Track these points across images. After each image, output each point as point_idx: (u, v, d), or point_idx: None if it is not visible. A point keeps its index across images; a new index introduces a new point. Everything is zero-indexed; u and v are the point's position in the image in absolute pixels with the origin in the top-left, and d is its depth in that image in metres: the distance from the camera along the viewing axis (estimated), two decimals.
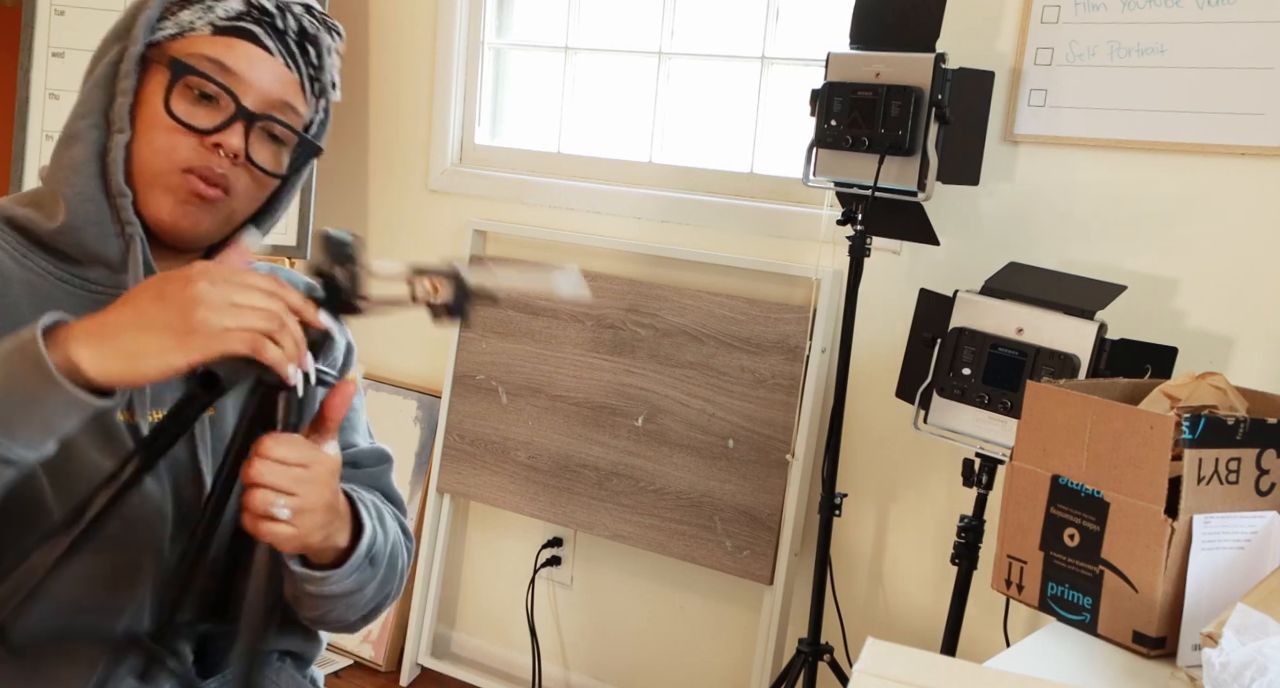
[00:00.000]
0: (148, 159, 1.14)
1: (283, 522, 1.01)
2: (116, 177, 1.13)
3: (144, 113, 1.14)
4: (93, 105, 1.15)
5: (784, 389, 2.47)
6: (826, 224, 2.39)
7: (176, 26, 1.16)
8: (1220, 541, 1.33)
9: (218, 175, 1.14)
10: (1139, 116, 2.12)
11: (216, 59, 1.14)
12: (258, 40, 1.16)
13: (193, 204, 1.15)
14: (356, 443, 1.35)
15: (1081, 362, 1.85)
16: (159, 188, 1.14)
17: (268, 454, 1.01)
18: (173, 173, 1.13)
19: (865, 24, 2.13)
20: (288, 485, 1.01)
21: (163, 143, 1.13)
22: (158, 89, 1.14)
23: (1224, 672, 1.10)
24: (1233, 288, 2.08)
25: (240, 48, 1.15)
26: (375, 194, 3.15)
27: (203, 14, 1.16)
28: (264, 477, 1.01)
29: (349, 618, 1.24)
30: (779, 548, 2.49)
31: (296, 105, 1.20)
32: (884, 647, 1.05)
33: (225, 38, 1.15)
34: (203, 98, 1.14)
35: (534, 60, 3.00)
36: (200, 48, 1.14)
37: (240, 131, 1.15)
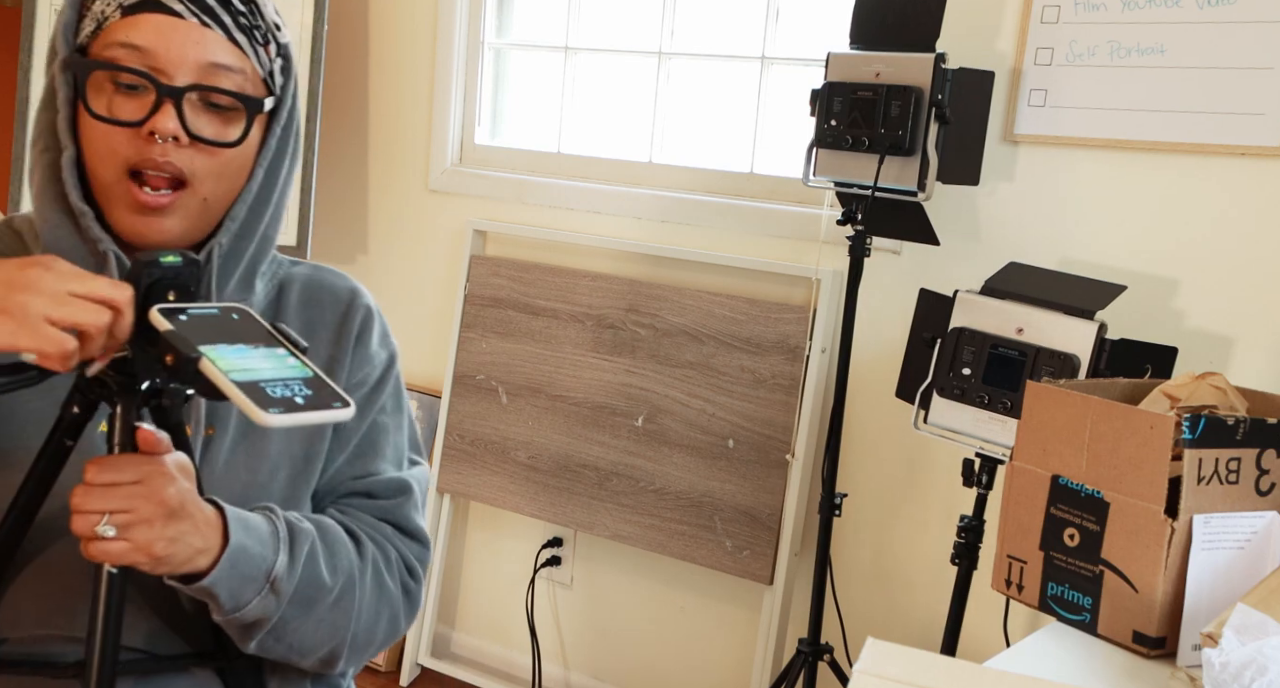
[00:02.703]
0: (96, 170, 1.10)
1: (112, 540, 0.97)
2: (72, 195, 1.10)
3: (84, 121, 1.10)
4: (39, 128, 1.12)
5: (784, 389, 2.47)
6: (826, 224, 2.39)
7: (93, 22, 1.11)
8: (1220, 541, 1.33)
9: (163, 164, 1.09)
10: (1139, 116, 2.12)
11: (127, 42, 1.08)
12: (162, 6, 1.09)
13: (147, 214, 1.10)
14: (379, 471, 1.28)
15: (1081, 362, 1.85)
16: (112, 200, 1.11)
17: (92, 481, 0.98)
18: (120, 180, 1.09)
19: (865, 24, 2.13)
20: (115, 505, 0.97)
21: (101, 147, 1.09)
22: (90, 94, 1.09)
23: (1224, 672, 1.10)
24: (1233, 288, 2.08)
25: (146, 21, 1.09)
26: (375, 194, 3.15)
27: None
28: (82, 500, 0.97)
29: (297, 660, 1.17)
30: (779, 548, 2.49)
31: (228, 62, 1.11)
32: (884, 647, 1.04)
33: (133, 16, 1.09)
34: (126, 89, 1.09)
35: (534, 60, 3.00)
36: (115, 35, 1.09)
37: (171, 112, 1.08)
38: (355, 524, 1.23)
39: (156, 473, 1.00)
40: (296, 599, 1.12)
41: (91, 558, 0.98)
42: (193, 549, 1.03)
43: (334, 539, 1.18)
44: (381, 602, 1.21)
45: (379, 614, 1.21)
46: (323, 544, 1.16)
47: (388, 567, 1.23)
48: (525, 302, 2.81)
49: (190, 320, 0.94)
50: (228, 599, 1.07)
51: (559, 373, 2.74)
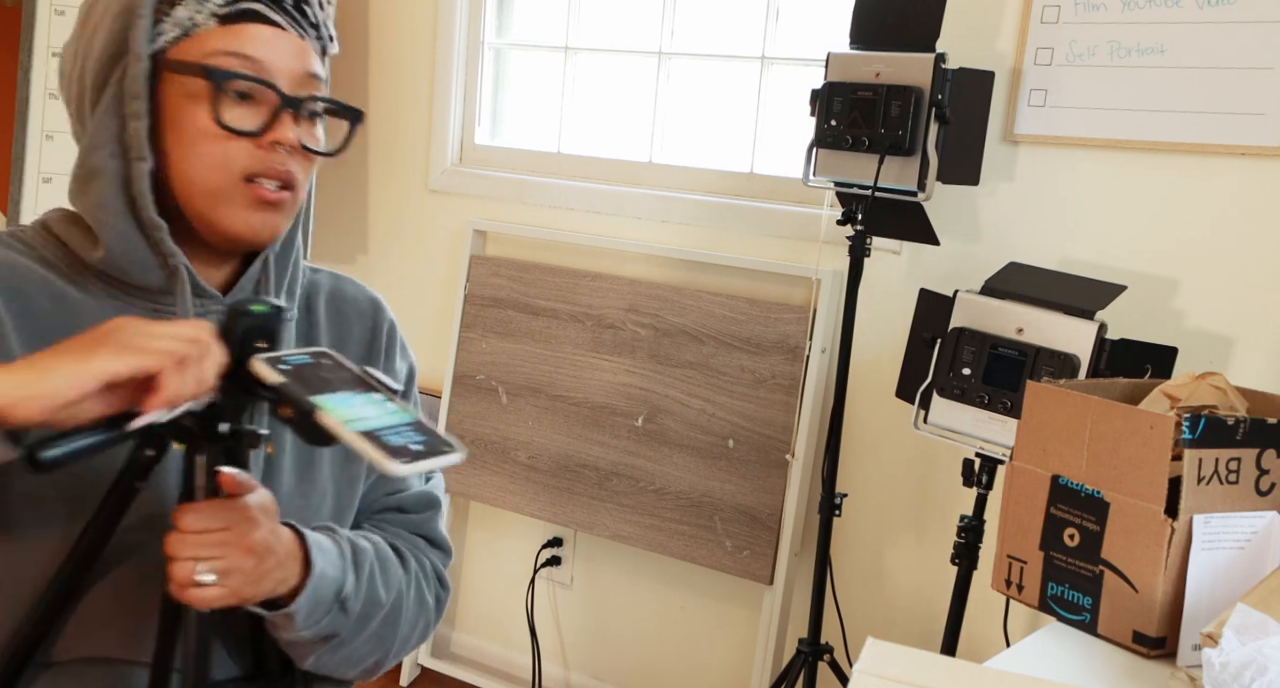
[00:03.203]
0: (203, 176, 1.08)
1: (209, 586, 1.00)
2: (147, 210, 1.07)
3: (177, 130, 1.08)
4: (107, 134, 1.08)
5: (784, 389, 2.47)
6: (826, 224, 2.39)
7: (178, 28, 1.08)
8: (1220, 541, 1.33)
9: (283, 173, 1.10)
10: (1139, 116, 2.12)
11: (237, 52, 1.07)
12: (265, 18, 1.09)
13: (266, 211, 1.10)
14: (408, 486, 1.32)
15: (1081, 362, 1.85)
16: (226, 202, 1.09)
17: (186, 528, 1.00)
18: (235, 184, 1.08)
19: (865, 24, 2.13)
20: (204, 552, 1.00)
21: (216, 156, 1.07)
22: (185, 102, 1.07)
23: (1224, 672, 1.10)
24: (1233, 288, 2.08)
25: (252, 32, 1.08)
26: (375, 194, 3.15)
27: (199, 5, 1.08)
28: (179, 549, 0.99)
29: (341, 672, 1.20)
30: (779, 548, 2.49)
31: (318, 72, 1.14)
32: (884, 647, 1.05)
33: (233, 25, 1.08)
34: (237, 97, 1.08)
35: (534, 60, 3.00)
36: (214, 44, 1.07)
37: (289, 122, 1.10)
38: (396, 540, 1.27)
39: (243, 519, 1.03)
40: (359, 616, 1.16)
41: (188, 603, 1.01)
42: (276, 581, 1.07)
43: (385, 557, 1.22)
44: (420, 613, 1.26)
45: (416, 624, 1.26)
46: (378, 562, 1.20)
47: (425, 579, 1.28)
48: (525, 302, 2.81)
49: (292, 370, 0.96)
50: (303, 621, 1.11)
51: (559, 373, 2.74)
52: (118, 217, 1.08)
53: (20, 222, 2.88)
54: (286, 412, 0.94)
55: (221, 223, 1.10)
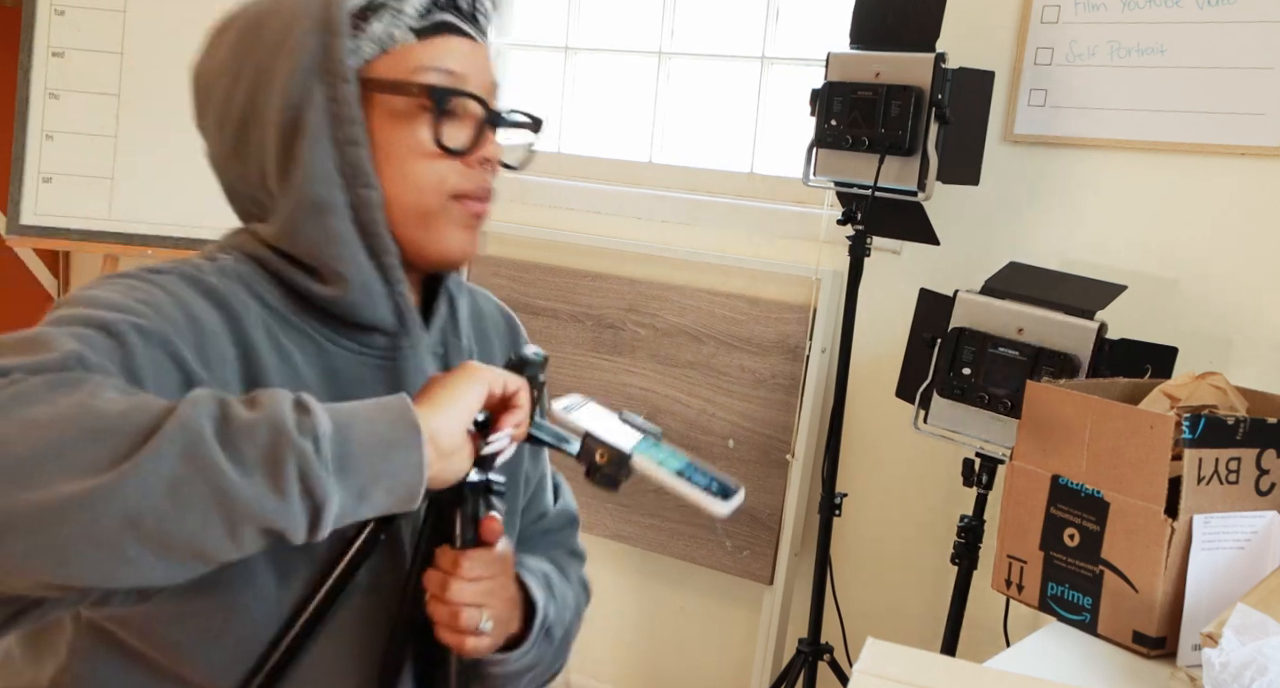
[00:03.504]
0: (414, 200, 1.03)
1: (484, 634, 1.01)
2: (384, 238, 1.02)
3: (387, 152, 1.03)
4: (325, 165, 1.00)
5: (784, 389, 2.47)
6: (826, 224, 2.39)
7: (376, 44, 1.02)
8: (1220, 541, 1.33)
9: (489, 190, 1.07)
10: (1139, 116, 2.12)
11: (440, 67, 1.03)
12: (458, 29, 1.05)
13: (474, 229, 1.07)
14: (548, 507, 1.33)
15: (1081, 362, 1.84)
16: (440, 223, 1.05)
17: (464, 575, 1.00)
18: (446, 204, 1.05)
19: (865, 24, 2.13)
20: (481, 600, 1.01)
21: (428, 178, 1.03)
22: (391, 122, 1.02)
23: (1224, 672, 1.10)
24: (1233, 288, 2.08)
25: (450, 45, 1.04)
26: None
27: (394, 19, 1.03)
28: (464, 596, 1.00)
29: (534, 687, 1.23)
30: (779, 548, 2.49)
31: (498, 79, 1.10)
32: (884, 647, 1.05)
33: (431, 39, 1.03)
34: (443, 114, 1.03)
35: (534, 60, 3.00)
36: (417, 59, 1.02)
37: (493, 137, 1.06)
38: (548, 555, 1.29)
39: (505, 568, 1.05)
40: (559, 639, 1.18)
41: (461, 652, 1.01)
42: (511, 632, 1.09)
43: (555, 575, 1.24)
44: (576, 622, 1.27)
45: (575, 633, 1.27)
46: (557, 581, 1.22)
47: (580, 590, 1.30)
48: (525, 302, 2.81)
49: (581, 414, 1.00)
50: (520, 656, 1.12)
51: (559, 373, 2.75)
52: (354, 251, 1.02)
53: (20, 221, 2.88)
54: (603, 457, 0.97)
55: (435, 245, 1.06)
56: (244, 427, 0.82)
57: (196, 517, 0.80)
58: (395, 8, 1.03)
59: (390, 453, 0.88)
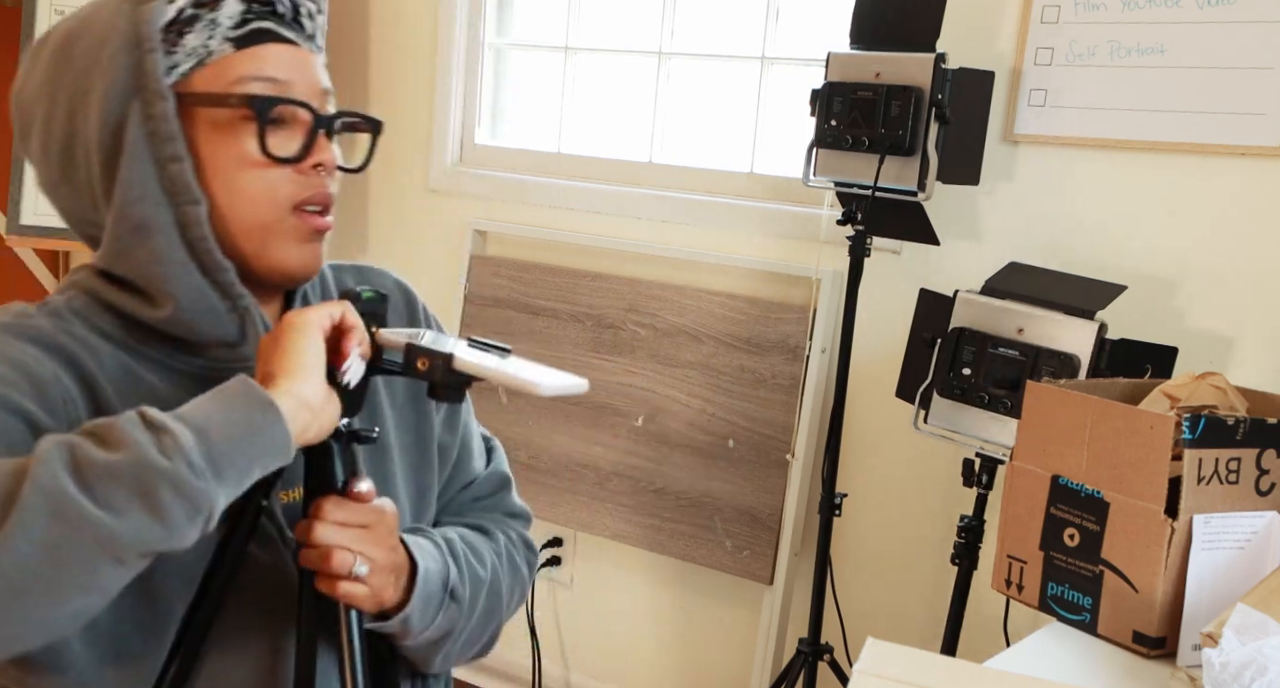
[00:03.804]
0: (248, 213, 1.02)
1: (359, 581, 0.99)
2: (213, 254, 1.00)
3: (213, 166, 1.01)
4: (145, 184, 0.98)
5: (784, 389, 2.47)
6: (826, 224, 2.39)
7: (192, 57, 1.01)
8: (1220, 541, 1.33)
9: (327, 196, 1.06)
10: (1139, 116, 2.12)
11: (262, 76, 1.01)
12: (279, 36, 1.04)
13: (315, 242, 1.07)
14: (476, 472, 1.31)
15: (1081, 362, 1.85)
16: (278, 236, 1.04)
17: (327, 517, 0.99)
18: (284, 216, 1.04)
19: (865, 24, 2.13)
20: (351, 544, 0.99)
21: (260, 189, 1.02)
22: (216, 135, 1.01)
23: (1224, 672, 1.10)
24: (1233, 288, 2.08)
25: (270, 52, 1.03)
26: (375, 194, 3.15)
27: (210, 30, 1.01)
28: (329, 538, 0.98)
29: (467, 655, 1.21)
30: (779, 548, 2.49)
31: (329, 84, 1.09)
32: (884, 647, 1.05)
33: (249, 48, 1.02)
34: (273, 123, 1.02)
35: (534, 60, 3.00)
36: (237, 70, 1.01)
37: (325, 142, 1.06)
38: (479, 520, 1.27)
39: (381, 520, 1.03)
40: (469, 601, 1.16)
41: (336, 597, 1.00)
42: (397, 588, 1.07)
43: (469, 538, 1.22)
44: (515, 579, 1.26)
45: (514, 591, 1.26)
46: (465, 545, 1.20)
47: (513, 546, 1.28)
48: (525, 302, 2.81)
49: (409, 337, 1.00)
50: (419, 621, 1.09)
51: None
52: (182, 268, 1.00)
53: (20, 221, 2.88)
54: (424, 364, 0.97)
55: (273, 258, 1.05)
56: (104, 470, 0.82)
57: (84, 567, 0.81)
58: (209, 19, 1.01)
59: (257, 437, 0.88)
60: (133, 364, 1.02)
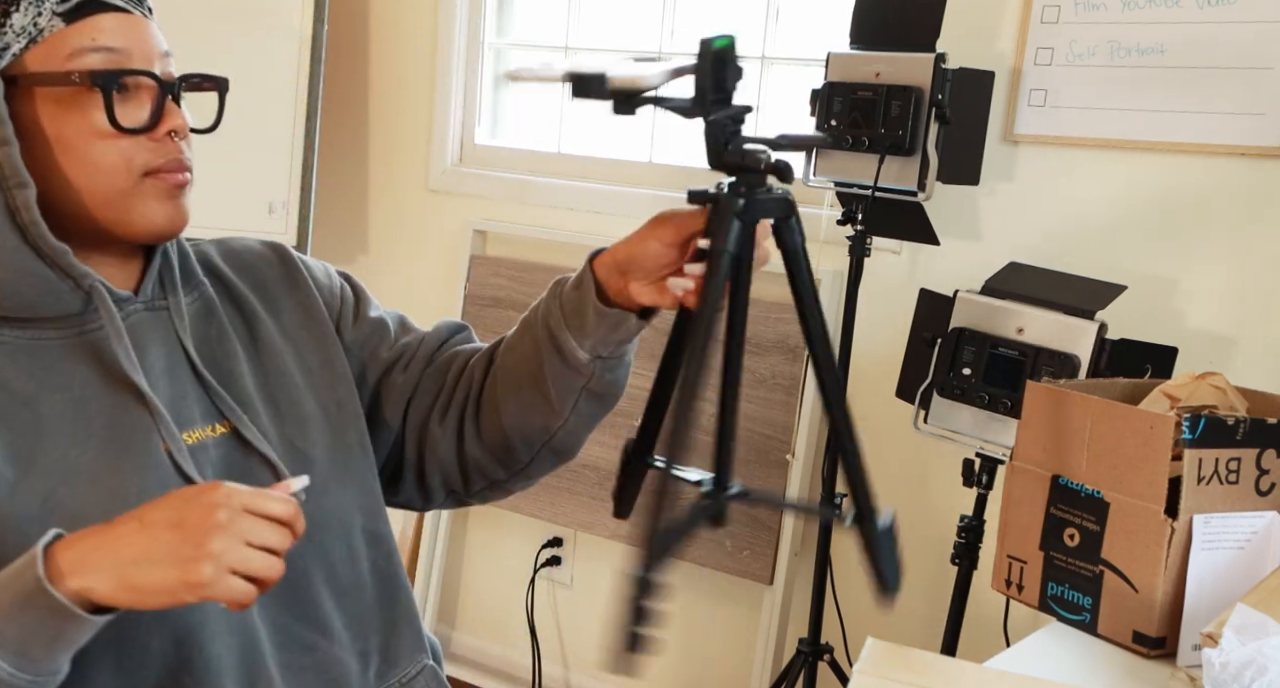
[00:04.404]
0: (104, 184, 1.02)
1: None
2: (45, 239, 1.00)
3: (59, 144, 1.01)
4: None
5: (784, 389, 2.47)
6: (826, 224, 2.39)
7: (22, 36, 1.00)
8: (1220, 541, 1.33)
9: (183, 161, 1.06)
10: (1139, 116, 2.12)
11: (99, 47, 1.01)
12: (107, 4, 1.03)
13: (177, 199, 1.06)
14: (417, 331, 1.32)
15: (1081, 362, 1.84)
16: (137, 201, 1.04)
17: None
18: (138, 182, 1.04)
19: (865, 24, 2.13)
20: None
21: (114, 161, 1.02)
22: (58, 112, 1.01)
23: (1224, 672, 1.10)
24: (1233, 288, 2.08)
25: (102, 22, 1.02)
26: (375, 194, 3.15)
27: (37, 7, 1.00)
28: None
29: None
30: (779, 548, 2.49)
31: (166, 46, 1.08)
32: (884, 647, 1.05)
33: (80, 21, 1.01)
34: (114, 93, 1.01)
35: (534, 60, 3.00)
36: (71, 44, 1.00)
37: (174, 107, 1.05)
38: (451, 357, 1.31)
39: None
40: None
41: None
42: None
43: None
44: None
45: None
46: None
47: None
48: (525, 302, 2.80)
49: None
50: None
51: None
52: (12, 253, 1.00)
53: None
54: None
55: (137, 223, 1.05)
56: None
57: None
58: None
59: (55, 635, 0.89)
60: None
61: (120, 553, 0.89)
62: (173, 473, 1.04)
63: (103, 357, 1.04)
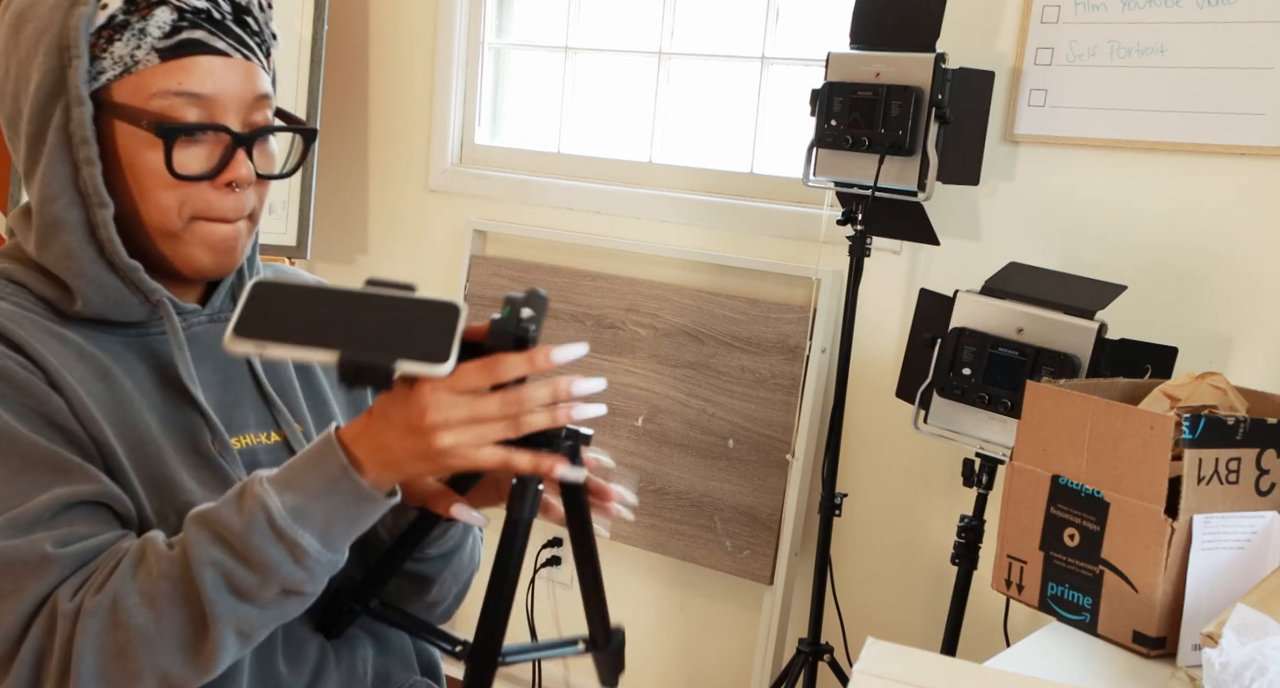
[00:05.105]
0: (158, 220, 1.06)
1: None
2: (119, 255, 1.05)
3: (130, 172, 1.04)
4: (61, 183, 1.03)
5: (784, 389, 2.47)
6: (826, 224, 2.39)
7: (118, 65, 1.02)
8: (1220, 541, 1.33)
9: (233, 211, 1.08)
10: (1139, 116, 2.12)
11: (183, 91, 1.02)
12: (208, 47, 1.04)
13: (225, 246, 1.09)
14: None
15: (1081, 362, 1.85)
16: (182, 244, 1.07)
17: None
18: (187, 225, 1.06)
19: (865, 24, 2.13)
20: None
21: (168, 202, 1.05)
22: (138, 147, 1.03)
23: (1224, 672, 1.10)
24: (1233, 288, 2.08)
25: (197, 65, 1.03)
26: (375, 194, 3.15)
27: (138, 40, 1.02)
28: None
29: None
30: (779, 548, 2.49)
31: (268, 91, 1.09)
32: (884, 647, 1.05)
33: (176, 60, 1.02)
34: (189, 139, 1.04)
35: (534, 60, 3.00)
36: (159, 83, 1.02)
37: (243, 158, 1.06)
38: None
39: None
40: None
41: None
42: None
43: None
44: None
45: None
46: None
47: None
48: None
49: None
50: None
51: (560, 373, 2.74)
52: (90, 266, 1.05)
53: None
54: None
55: (182, 263, 1.08)
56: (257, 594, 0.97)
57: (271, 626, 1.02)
58: (139, 28, 1.02)
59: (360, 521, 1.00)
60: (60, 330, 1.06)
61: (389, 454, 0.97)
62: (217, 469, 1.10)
63: (160, 359, 1.10)
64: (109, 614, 0.95)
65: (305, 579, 0.98)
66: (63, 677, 0.95)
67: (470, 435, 0.95)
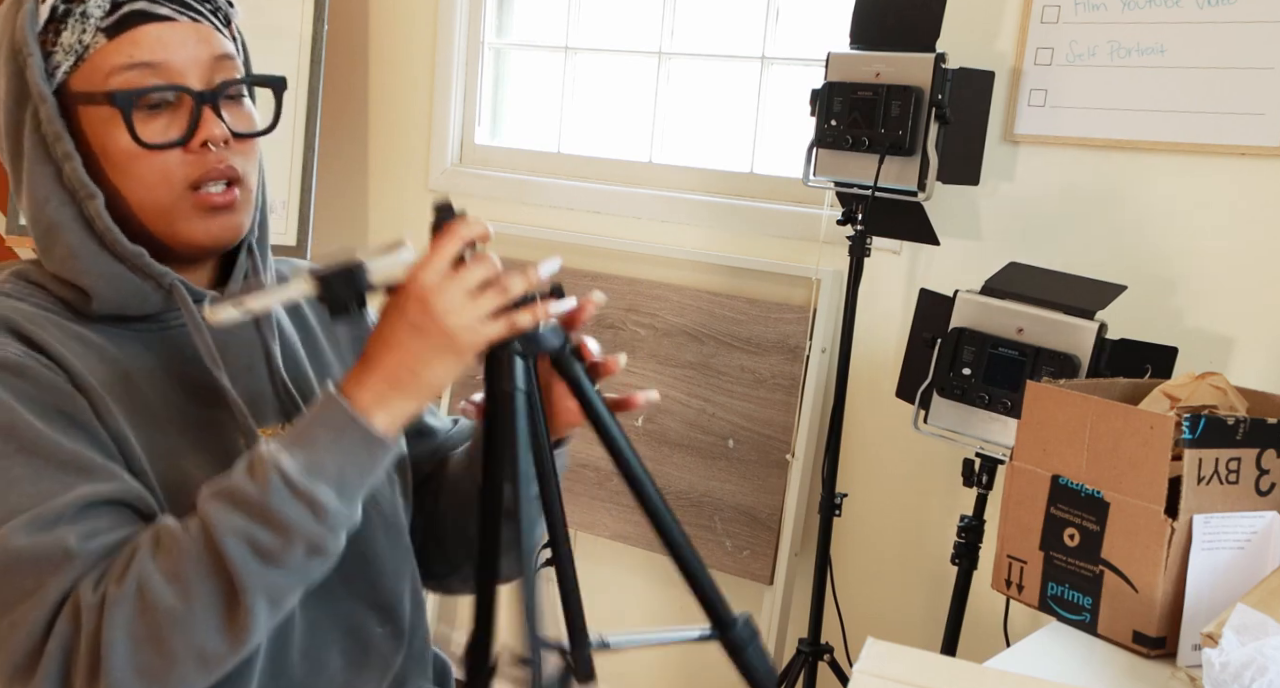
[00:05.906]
0: (147, 199, 1.05)
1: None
2: (121, 243, 1.05)
3: (108, 160, 1.04)
4: (47, 186, 1.04)
5: (784, 389, 2.47)
6: (826, 224, 2.39)
7: (70, 54, 1.03)
8: (1220, 541, 1.33)
9: (225, 171, 1.07)
10: (1139, 116, 2.12)
11: (136, 62, 1.02)
12: (151, 15, 1.03)
13: (221, 214, 1.08)
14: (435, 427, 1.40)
15: (1081, 362, 1.85)
16: (178, 218, 1.06)
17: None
18: (182, 197, 1.06)
19: (865, 24, 2.13)
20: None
21: (153, 174, 1.04)
22: (105, 129, 1.03)
23: (1224, 672, 1.10)
24: (1233, 288, 2.08)
25: (144, 34, 1.03)
26: (375, 194, 3.15)
27: (82, 24, 1.02)
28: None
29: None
30: (779, 548, 2.49)
31: (228, 50, 1.08)
32: (884, 647, 1.05)
33: (123, 34, 1.02)
34: (149, 110, 1.03)
35: (534, 60, 3.00)
36: (111, 60, 1.02)
37: (213, 117, 1.05)
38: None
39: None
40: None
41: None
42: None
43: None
44: None
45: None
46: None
47: None
48: None
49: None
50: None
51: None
52: (96, 260, 1.05)
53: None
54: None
55: (180, 237, 1.07)
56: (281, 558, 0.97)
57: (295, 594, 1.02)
58: (80, 13, 1.02)
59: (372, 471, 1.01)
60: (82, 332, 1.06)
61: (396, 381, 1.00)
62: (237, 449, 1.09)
63: (183, 353, 1.10)
64: (136, 600, 0.94)
65: (326, 535, 0.98)
66: (92, 672, 0.93)
67: (472, 309, 1.00)
